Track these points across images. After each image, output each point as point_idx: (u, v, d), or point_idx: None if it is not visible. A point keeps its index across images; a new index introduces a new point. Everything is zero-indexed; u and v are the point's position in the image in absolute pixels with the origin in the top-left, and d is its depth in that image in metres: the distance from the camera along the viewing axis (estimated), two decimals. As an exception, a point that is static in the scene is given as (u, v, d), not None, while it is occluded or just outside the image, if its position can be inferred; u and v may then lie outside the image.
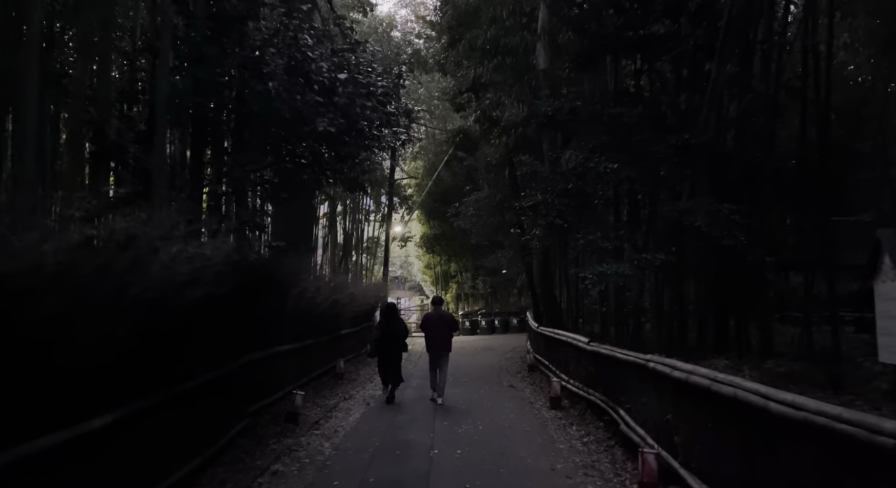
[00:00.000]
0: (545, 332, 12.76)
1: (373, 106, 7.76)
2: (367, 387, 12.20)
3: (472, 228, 19.34)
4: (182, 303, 4.48)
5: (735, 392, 4.16)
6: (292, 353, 9.72)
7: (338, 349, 13.60)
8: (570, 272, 12.71)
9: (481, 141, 16.62)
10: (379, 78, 8.40)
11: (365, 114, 7.61)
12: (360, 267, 31.57)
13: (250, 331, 7.00)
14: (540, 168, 10.61)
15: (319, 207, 28.49)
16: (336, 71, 7.17)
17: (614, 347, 7.80)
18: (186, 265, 4.55)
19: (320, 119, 6.87)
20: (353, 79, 7.53)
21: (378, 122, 8.17)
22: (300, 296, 9.56)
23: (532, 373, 13.83)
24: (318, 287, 10.32)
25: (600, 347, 8.17)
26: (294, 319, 9.57)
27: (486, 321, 29.19)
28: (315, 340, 11.30)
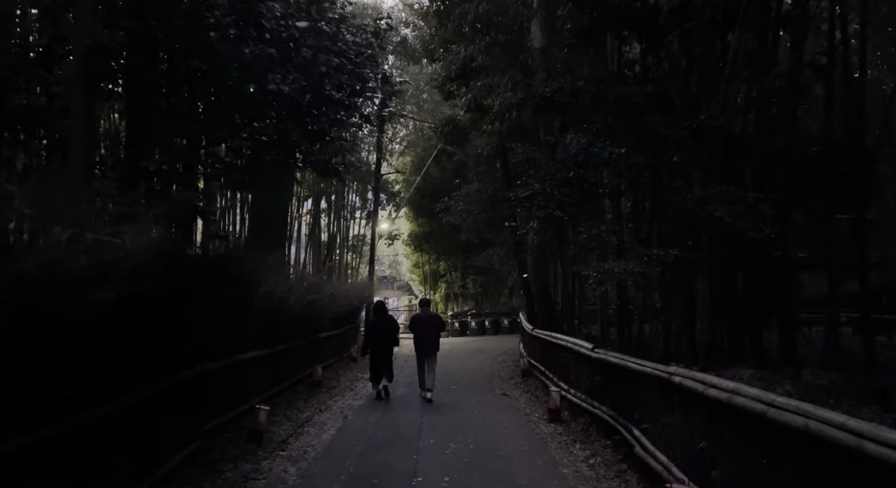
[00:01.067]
0: (541, 336, 11.76)
1: (340, 64, 6.51)
2: (346, 396, 11.14)
3: (463, 224, 18.29)
4: (84, 306, 3.42)
5: (807, 423, 3.16)
6: (260, 361, 8.64)
7: (316, 354, 12.52)
8: (569, 270, 11.70)
9: (471, 131, 15.60)
10: (351, 33, 7.09)
11: (332, 75, 6.40)
12: (345, 266, 30.47)
13: (200, 339, 5.92)
14: (537, 154, 9.60)
15: (303, 203, 27.48)
16: (294, 18, 5.99)
17: (624, 355, 6.80)
18: (94, 257, 3.50)
19: (272, 75, 5.72)
20: (315, 29, 6.23)
21: (350, 90, 6.93)
22: (268, 297, 8.48)
23: (526, 379, 12.84)
24: (291, 286, 9.24)
25: (608, 355, 7.17)
26: (262, 323, 8.49)
27: (476, 322, 28.17)
28: (288, 345, 10.23)
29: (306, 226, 26.99)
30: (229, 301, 6.59)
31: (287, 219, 13.79)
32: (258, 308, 8.12)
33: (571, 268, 11.65)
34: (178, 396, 5.79)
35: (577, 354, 8.68)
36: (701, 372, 4.73)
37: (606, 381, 7.27)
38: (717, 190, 7.12)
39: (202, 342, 6.09)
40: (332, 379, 13.02)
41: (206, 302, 5.50)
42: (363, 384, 12.75)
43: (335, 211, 28.19)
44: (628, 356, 6.58)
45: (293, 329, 10.41)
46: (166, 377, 5.44)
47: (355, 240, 30.49)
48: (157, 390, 5.33)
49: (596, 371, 7.70)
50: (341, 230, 29.23)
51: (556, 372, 10.36)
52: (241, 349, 7.74)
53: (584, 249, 11.53)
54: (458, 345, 22.08)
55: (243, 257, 6.92)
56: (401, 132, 32.52)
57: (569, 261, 12.28)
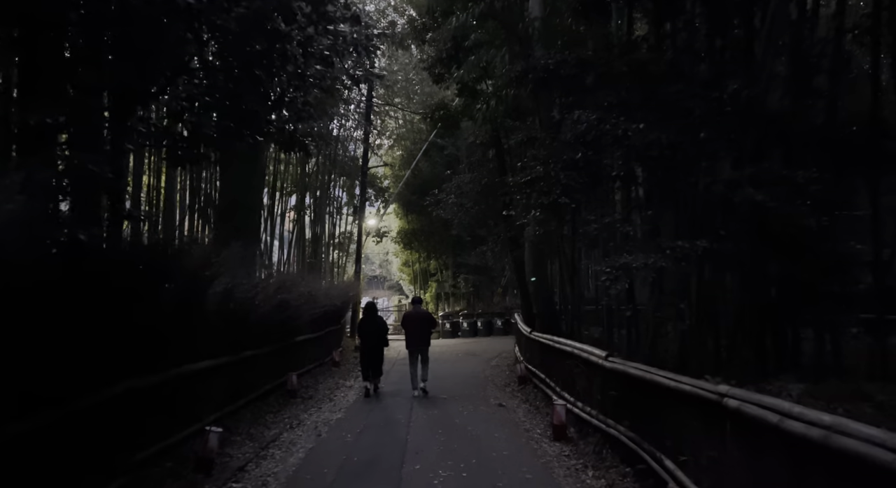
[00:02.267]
0: (541, 340, 10.61)
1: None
2: (323, 408, 9.93)
3: (454, 218, 17.10)
4: None
5: None
6: (219, 371, 7.42)
7: (291, 360, 11.31)
8: (573, 266, 10.54)
9: (463, 118, 14.43)
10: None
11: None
12: (332, 264, 29.22)
13: (121, 348, 4.71)
14: (539, 134, 8.43)
15: (286, 198, 26.20)
16: None
17: (648, 366, 5.65)
18: None
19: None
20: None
21: (307, 19, 5.41)
22: (227, 297, 7.26)
23: (524, 387, 11.68)
24: (256, 284, 8.02)
25: (627, 365, 6.01)
26: (220, 326, 7.28)
27: (467, 323, 26.98)
28: (256, 351, 9.01)
29: (290, 223, 25.76)
30: (169, 301, 5.38)
31: (260, 209, 12.51)
32: (214, 309, 6.90)
33: (576, 264, 10.49)
34: (97, 420, 4.59)
35: (586, 363, 7.53)
36: (770, 398, 3.58)
37: (625, 396, 6.12)
38: (757, 169, 5.99)
39: (129, 351, 4.88)
40: (310, 387, 11.81)
41: (125, 303, 4.30)
42: (343, 393, 11.56)
43: (321, 207, 26.94)
44: (654, 368, 5.43)
45: (262, 333, 9.19)
46: (79, 396, 4.25)
47: (342, 238, 29.25)
48: (63, 414, 4.13)
49: (611, 383, 6.55)
50: (327, 227, 27.99)
51: (560, 381, 9.21)
52: (192, 358, 6.51)
53: (591, 243, 10.42)
54: (448, 347, 20.89)
55: (183, 249, 5.72)
56: (390, 125, 31.31)
57: (571, 256, 11.12)
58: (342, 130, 27.42)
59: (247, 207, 9.93)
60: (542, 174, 7.62)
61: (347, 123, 26.66)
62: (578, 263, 11.13)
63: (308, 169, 25.43)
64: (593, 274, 13.59)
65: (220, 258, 6.64)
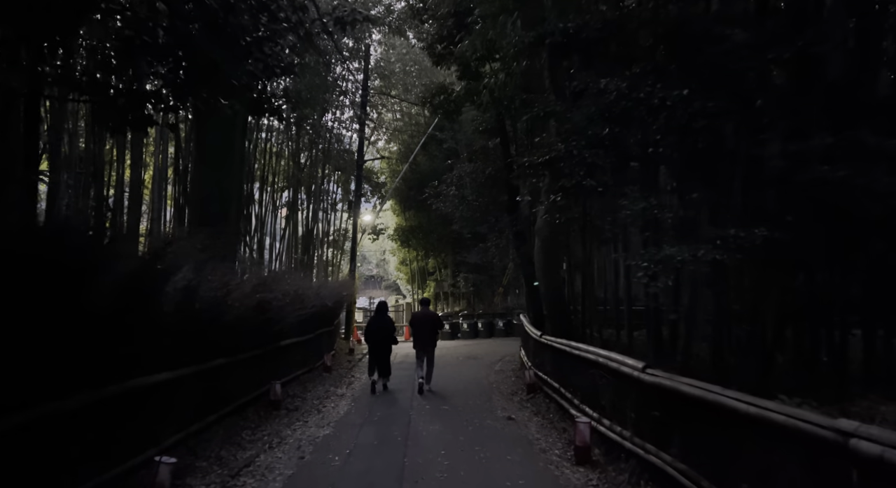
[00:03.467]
0: (554, 345, 9.46)
1: None
2: (309, 422, 8.77)
3: (455, 212, 15.95)
4: None
5: None
6: (179, 384, 6.26)
7: (275, 366, 10.15)
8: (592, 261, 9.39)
9: (465, 102, 13.28)
10: None
11: None
12: (326, 262, 28.05)
13: (31, 364, 3.56)
14: (558, 107, 7.28)
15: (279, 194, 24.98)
16: None
17: (707, 384, 4.50)
18: None
19: None
20: None
21: None
22: (189, 296, 6.11)
23: (533, 397, 10.54)
24: (228, 281, 6.86)
25: (676, 381, 4.87)
26: (182, 331, 6.12)
27: (467, 324, 25.82)
28: (230, 359, 7.86)
29: (283, 220, 24.59)
30: (104, 301, 4.23)
31: (240, 198, 11.33)
32: (172, 311, 5.75)
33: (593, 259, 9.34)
34: None
35: (614, 373, 6.40)
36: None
37: (672, 419, 4.98)
38: (838, 139, 4.86)
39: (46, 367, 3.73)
40: (297, 396, 10.65)
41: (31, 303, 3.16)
42: (334, 402, 10.41)
43: (314, 202, 25.77)
44: (716, 386, 4.29)
45: (238, 337, 8.03)
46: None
47: (336, 235, 28.06)
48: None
49: (651, 401, 5.41)
50: (321, 224, 26.80)
51: (579, 393, 8.07)
52: (143, 369, 5.35)
53: (604, 237, 9.28)
54: (448, 350, 19.71)
55: (120, 235, 4.57)
56: (386, 118, 30.16)
57: (589, 249, 9.96)
58: (337, 123, 26.30)
59: (221, 194, 8.74)
60: (562, 152, 6.48)
61: (342, 115, 25.51)
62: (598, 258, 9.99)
63: (301, 163, 24.29)
64: (602, 271, 12.44)
65: (179, 249, 5.47)
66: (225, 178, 8.81)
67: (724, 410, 4.00)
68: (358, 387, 12.13)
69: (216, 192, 8.74)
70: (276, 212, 24.17)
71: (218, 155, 8.86)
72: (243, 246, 19.39)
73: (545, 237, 10.51)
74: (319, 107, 19.41)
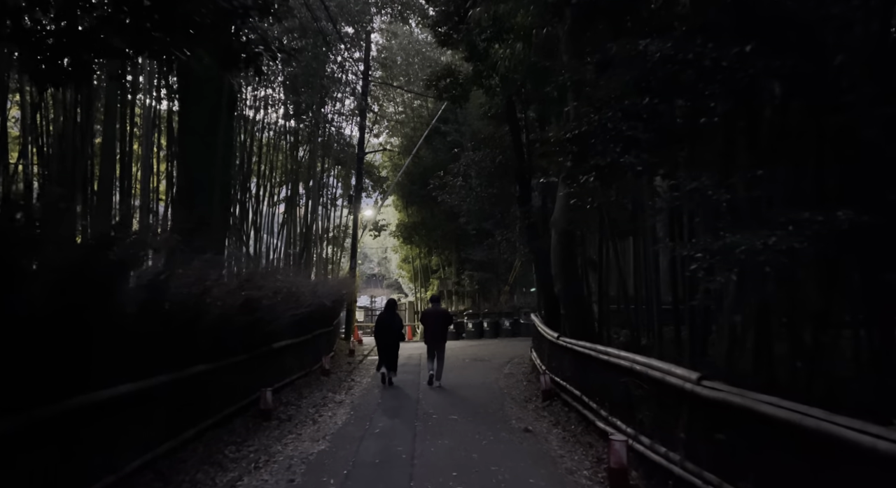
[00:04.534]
0: (576, 348, 8.52)
1: None
2: (303, 435, 7.83)
3: (462, 204, 14.97)
4: None
5: None
6: (146, 396, 5.33)
7: (265, 372, 9.23)
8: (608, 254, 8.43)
9: (473, 86, 12.32)
10: None
11: None
12: (325, 260, 27.09)
13: None
14: (588, 75, 6.31)
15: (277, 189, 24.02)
16: None
17: (794, 404, 3.55)
18: None
19: None
20: None
21: None
22: (156, 293, 5.17)
23: (550, 405, 9.61)
24: (204, 279, 5.91)
25: (751, 398, 3.91)
26: (149, 334, 5.18)
27: (473, 323, 24.86)
28: (212, 365, 6.92)
29: (280, 216, 23.64)
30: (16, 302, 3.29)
31: (228, 187, 10.38)
32: (135, 312, 4.81)
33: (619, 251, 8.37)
34: None
35: (656, 384, 5.46)
36: None
37: (745, 445, 4.03)
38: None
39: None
40: (291, 403, 9.73)
41: None
42: (331, 411, 9.47)
43: (314, 198, 24.80)
44: (815, 409, 3.34)
45: (222, 340, 7.10)
46: None
47: (337, 232, 27.08)
48: None
49: (712, 420, 4.46)
50: (320, 220, 25.84)
51: (607, 403, 7.13)
52: (94, 383, 4.42)
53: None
54: (453, 351, 18.75)
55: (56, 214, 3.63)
56: (389, 109, 29.20)
57: (609, 240, 9.01)
58: (337, 115, 25.33)
59: (204, 180, 7.77)
60: (595, 125, 5.52)
61: (342, 108, 24.54)
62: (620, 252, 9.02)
63: (300, 156, 23.34)
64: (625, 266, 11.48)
65: (142, 239, 4.53)
66: (209, 162, 7.86)
67: (834, 442, 3.06)
68: (358, 393, 11.20)
69: (199, 178, 7.81)
70: (274, 208, 23.24)
71: (201, 136, 7.93)
72: (238, 241, 18.47)
73: (562, 230, 9.56)
74: (318, 95, 18.46)
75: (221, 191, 8.68)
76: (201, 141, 8.30)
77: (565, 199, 8.78)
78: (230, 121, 9.53)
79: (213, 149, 7.83)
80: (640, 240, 8.66)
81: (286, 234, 23.15)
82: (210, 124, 7.99)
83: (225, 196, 8.88)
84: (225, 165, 8.86)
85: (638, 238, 8.85)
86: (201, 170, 7.92)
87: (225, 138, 8.63)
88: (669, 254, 6.60)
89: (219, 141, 8.13)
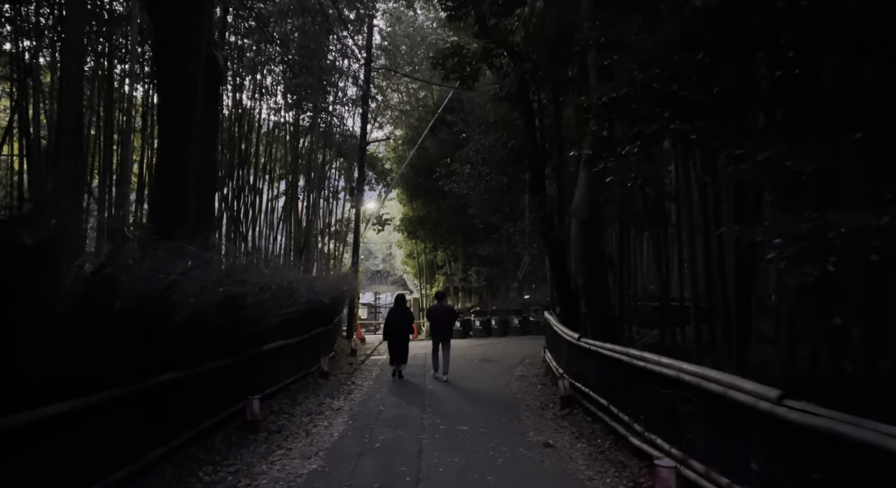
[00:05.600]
0: (602, 352, 7.52)
1: None
2: (293, 450, 6.88)
3: (470, 194, 13.97)
4: None
5: None
6: (88, 416, 4.37)
7: (252, 377, 8.29)
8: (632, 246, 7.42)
9: (482, 63, 11.31)
10: None
11: None
12: (327, 255, 26.15)
13: None
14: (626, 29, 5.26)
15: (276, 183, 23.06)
16: None
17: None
18: None
19: None
20: None
21: None
22: (108, 289, 4.22)
23: (570, 413, 8.65)
24: (168, 270, 4.95)
25: (871, 429, 2.93)
26: (96, 339, 4.23)
27: (480, 321, 23.88)
28: (184, 372, 5.97)
29: (280, 210, 22.70)
30: None
31: (213, 171, 9.39)
32: (67, 312, 3.85)
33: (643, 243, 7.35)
34: None
35: (715, 400, 4.47)
36: None
37: None
38: None
39: None
40: (282, 411, 8.79)
41: None
42: (328, 420, 8.52)
43: (314, 191, 23.85)
44: None
45: (196, 343, 6.15)
46: None
47: (339, 226, 26.14)
48: None
49: (803, 452, 3.48)
50: (322, 214, 24.89)
51: (643, 417, 6.16)
52: (9, 403, 3.47)
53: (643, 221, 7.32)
54: (461, 350, 17.79)
55: None
56: (393, 99, 28.20)
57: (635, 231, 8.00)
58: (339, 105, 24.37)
59: (183, 163, 6.77)
60: (638, 87, 4.53)
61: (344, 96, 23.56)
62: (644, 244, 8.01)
63: (300, 146, 22.39)
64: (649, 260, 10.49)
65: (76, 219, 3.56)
66: (186, 143, 6.87)
67: None
68: (358, 398, 10.26)
69: (176, 162, 6.81)
70: (274, 202, 22.32)
71: (179, 114, 6.96)
72: (235, 235, 17.56)
73: (585, 219, 8.55)
74: (319, 82, 17.48)
75: (204, 176, 7.72)
76: (179, 119, 7.34)
77: (588, 184, 7.78)
78: (214, 99, 8.58)
79: (191, 128, 6.87)
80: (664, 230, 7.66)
81: (285, 228, 22.24)
82: (190, 101, 7.04)
83: (208, 182, 7.92)
84: (208, 148, 7.90)
85: (665, 227, 7.85)
86: (179, 153, 6.96)
87: (207, 118, 7.69)
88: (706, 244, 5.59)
89: (199, 119, 7.17)
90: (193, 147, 7.04)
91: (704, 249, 6.56)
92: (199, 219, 7.44)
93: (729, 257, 5.93)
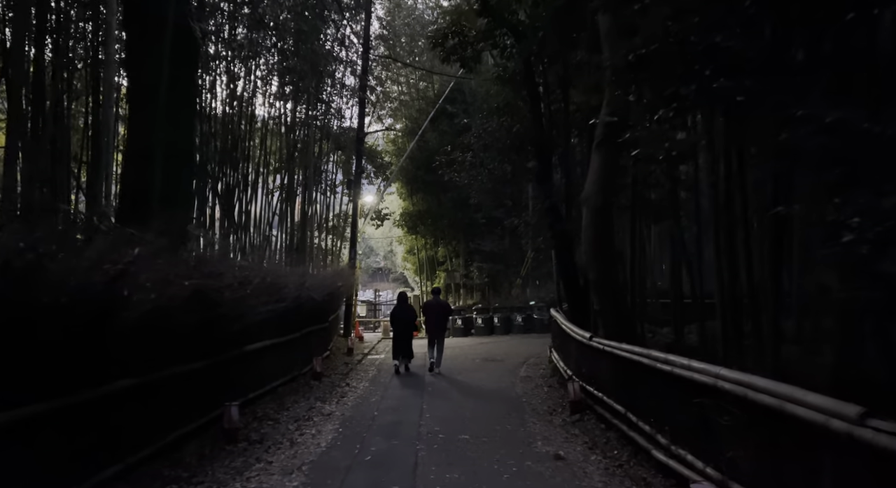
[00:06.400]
0: (618, 353, 6.75)
1: None
2: (273, 464, 6.14)
3: (472, 183, 13.20)
4: None
5: None
6: (26, 429, 3.63)
7: (233, 381, 7.57)
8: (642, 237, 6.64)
9: (484, 42, 10.53)
10: None
11: None
12: (325, 251, 25.41)
13: None
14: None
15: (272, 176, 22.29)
16: None
17: None
18: None
19: None
20: None
21: None
22: (27, 279, 3.48)
23: (581, 419, 7.91)
24: (115, 258, 4.21)
25: None
26: (20, 343, 3.49)
27: (482, 318, 23.12)
28: (143, 378, 5.23)
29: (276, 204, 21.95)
30: None
31: (191, 155, 8.62)
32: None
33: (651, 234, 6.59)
34: None
35: (763, 412, 3.71)
36: None
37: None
38: None
39: None
40: (267, 418, 8.05)
41: None
42: (317, 427, 7.79)
43: (311, 185, 23.08)
44: None
45: (160, 344, 5.41)
46: None
47: (337, 220, 25.38)
48: None
49: (895, 486, 2.72)
50: (319, 208, 24.12)
51: (668, 428, 5.40)
52: None
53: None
54: (462, 349, 17.07)
55: None
56: (393, 91, 27.42)
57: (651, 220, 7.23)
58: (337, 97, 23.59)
59: (154, 144, 6.01)
60: (672, 40, 3.77)
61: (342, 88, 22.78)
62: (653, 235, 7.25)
63: (295, 137, 21.62)
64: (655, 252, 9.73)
65: None
66: (155, 123, 6.14)
67: None
68: (352, 402, 9.54)
69: (145, 144, 6.08)
70: (269, 196, 21.57)
71: (150, 92, 6.23)
72: (230, 229, 16.83)
73: (598, 206, 7.79)
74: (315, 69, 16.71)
75: (178, 157, 6.97)
76: (150, 98, 6.59)
77: (603, 168, 7.03)
78: (191, 77, 7.83)
79: (157, 101, 6.12)
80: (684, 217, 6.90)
81: (280, 222, 21.50)
82: (156, 73, 6.29)
83: (181, 163, 7.16)
84: (182, 126, 7.15)
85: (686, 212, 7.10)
86: (145, 131, 6.22)
87: (180, 93, 6.93)
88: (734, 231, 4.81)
89: (171, 94, 6.43)
90: (161, 123, 6.29)
91: (732, 236, 5.79)
92: (170, 204, 6.69)
93: (763, 245, 5.17)
